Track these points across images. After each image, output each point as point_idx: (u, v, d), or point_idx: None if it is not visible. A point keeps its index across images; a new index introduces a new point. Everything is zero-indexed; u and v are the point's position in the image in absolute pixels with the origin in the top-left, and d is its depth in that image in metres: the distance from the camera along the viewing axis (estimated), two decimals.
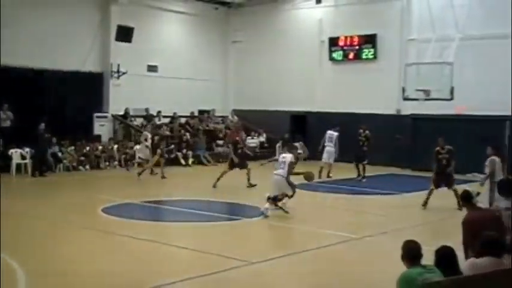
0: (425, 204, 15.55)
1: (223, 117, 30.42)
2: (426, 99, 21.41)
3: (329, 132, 22.32)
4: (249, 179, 18.36)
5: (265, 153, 27.99)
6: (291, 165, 13.86)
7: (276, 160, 14.86)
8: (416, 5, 24.87)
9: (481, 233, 5.79)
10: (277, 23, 29.29)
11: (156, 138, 21.66)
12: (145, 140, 21.52)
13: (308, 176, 14.56)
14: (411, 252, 5.46)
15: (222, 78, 30.97)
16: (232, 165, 18.72)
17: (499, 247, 5.54)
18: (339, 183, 20.53)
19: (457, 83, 20.72)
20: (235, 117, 30.35)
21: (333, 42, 27.51)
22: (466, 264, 5.55)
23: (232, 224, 13.55)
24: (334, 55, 27.60)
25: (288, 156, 14.04)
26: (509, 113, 22.33)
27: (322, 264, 10.12)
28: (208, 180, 18.72)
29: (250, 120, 29.57)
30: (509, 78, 22.16)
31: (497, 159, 13.85)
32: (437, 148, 15.79)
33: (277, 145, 14.31)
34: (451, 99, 20.93)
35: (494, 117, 22.64)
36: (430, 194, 15.59)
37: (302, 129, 28.23)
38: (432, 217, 14.72)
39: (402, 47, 25.10)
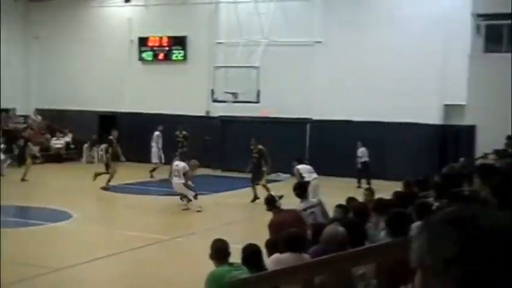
0: (254, 199, 16.41)
1: (25, 117, 28.65)
2: (234, 102, 22.11)
3: None
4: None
5: (72, 154, 26.99)
6: (186, 172, 15.36)
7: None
8: (224, 10, 25.52)
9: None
10: (84, 20, 28.25)
11: (22, 141, 20.42)
12: None
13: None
14: (219, 251, 5.59)
15: (23, 75, 29.11)
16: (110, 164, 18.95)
17: (300, 243, 5.89)
18: (149, 184, 20.37)
19: (263, 86, 21.67)
20: (39, 117, 28.75)
21: (143, 42, 27.24)
22: (270, 260, 5.80)
23: (37, 229, 12.80)
24: (144, 55, 27.34)
25: (180, 165, 15.52)
26: (310, 116, 23.90)
27: (134, 266, 9.98)
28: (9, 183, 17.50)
29: (55, 120, 28.21)
30: (310, 83, 23.70)
31: (301, 166, 15.24)
32: (251, 147, 17.21)
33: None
34: (258, 102, 21.85)
35: (297, 119, 24.07)
36: (254, 189, 16.68)
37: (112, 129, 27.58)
38: (242, 216, 15.22)
39: (211, 50, 25.61)
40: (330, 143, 23.03)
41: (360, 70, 22.74)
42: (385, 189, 11.07)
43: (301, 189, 9.47)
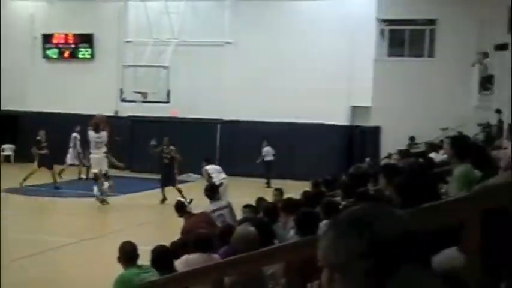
0: (163, 201, 16.36)
1: None
2: (144, 102, 21.81)
3: None
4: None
5: None
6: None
7: None
8: (132, 8, 25.08)
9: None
10: None
11: None
12: None
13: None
14: (127, 254, 5.50)
15: None
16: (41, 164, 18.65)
17: (208, 244, 5.89)
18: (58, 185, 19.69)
19: (173, 86, 21.48)
20: None
21: (47, 39, 26.31)
22: (179, 261, 5.76)
23: None
24: (49, 53, 26.42)
25: (103, 136, 15.78)
26: (221, 117, 23.95)
27: (41, 271, 9.62)
28: None
29: None
30: (221, 84, 23.73)
31: (209, 167, 15.23)
32: (163, 147, 17.07)
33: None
34: (168, 102, 21.66)
35: (207, 120, 24.03)
36: (163, 190, 16.60)
37: (14, 130, 26.41)
38: (152, 217, 15.03)
39: (120, 49, 25.11)
40: (240, 144, 23.18)
41: (270, 71, 23.03)
42: (294, 189, 11.25)
43: (212, 190, 9.54)
